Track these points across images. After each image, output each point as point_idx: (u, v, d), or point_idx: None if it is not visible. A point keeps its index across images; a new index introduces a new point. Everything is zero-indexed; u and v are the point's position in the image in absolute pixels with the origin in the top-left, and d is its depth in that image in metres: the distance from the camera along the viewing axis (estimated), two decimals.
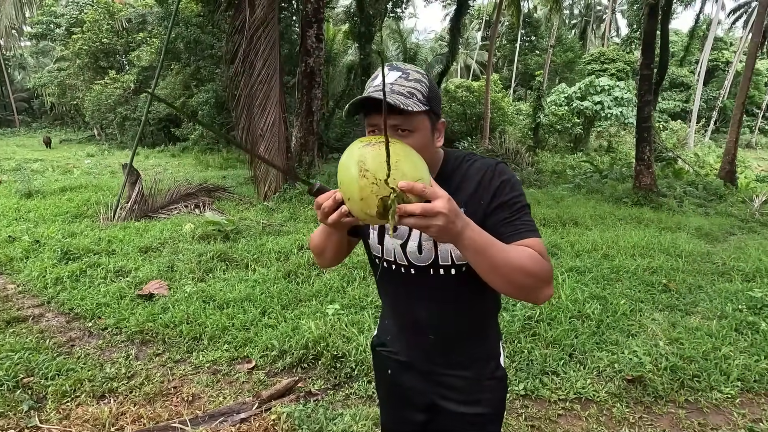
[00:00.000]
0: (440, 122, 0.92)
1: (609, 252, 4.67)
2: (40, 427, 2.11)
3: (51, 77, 27.33)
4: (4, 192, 7.93)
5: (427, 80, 0.88)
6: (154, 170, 11.27)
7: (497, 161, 0.97)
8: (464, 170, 0.96)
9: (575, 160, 15.13)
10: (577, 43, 31.66)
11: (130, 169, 6.38)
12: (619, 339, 2.90)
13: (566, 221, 6.19)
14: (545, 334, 2.87)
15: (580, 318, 3.12)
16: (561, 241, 5.01)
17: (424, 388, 1.12)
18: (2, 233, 5.26)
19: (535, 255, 0.83)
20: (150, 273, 3.95)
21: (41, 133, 28.25)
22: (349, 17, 15.88)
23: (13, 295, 3.74)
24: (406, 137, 0.85)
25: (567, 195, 8.78)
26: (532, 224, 0.91)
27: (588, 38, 37.27)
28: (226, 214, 6.38)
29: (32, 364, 2.56)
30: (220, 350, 2.79)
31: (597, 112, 17.87)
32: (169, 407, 2.31)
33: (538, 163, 13.33)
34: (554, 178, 11.60)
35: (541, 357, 2.65)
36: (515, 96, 32.04)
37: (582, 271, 4.03)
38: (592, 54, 27.06)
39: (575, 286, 3.62)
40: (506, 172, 0.94)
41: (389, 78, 0.86)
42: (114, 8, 22.58)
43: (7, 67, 37.37)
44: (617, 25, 41.70)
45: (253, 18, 6.95)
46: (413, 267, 1.01)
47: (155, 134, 21.45)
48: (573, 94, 18.22)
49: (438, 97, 0.91)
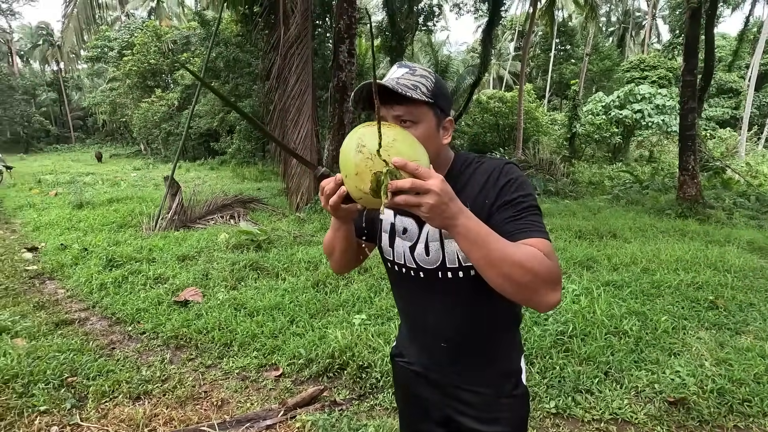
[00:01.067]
0: (447, 119, 0.92)
1: (649, 266, 4.44)
2: (80, 425, 2.21)
3: (104, 96, 29.33)
4: (59, 203, 8.52)
5: (433, 77, 0.89)
6: (194, 182, 11.78)
7: (506, 161, 0.94)
8: (472, 171, 0.95)
9: (614, 170, 14.57)
10: (614, 51, 30.75)
11: (171, 181, 6.71)
12: (660, 358, 2.74)
13: (603, 233, 5.95)
14: (578, 350, 2.76)
15: (616, 334, 2.98)
16: (597, 254, 4.82)
17: (440, 401, 1.09)
18: (55, 241, 5.64)
19: (538, 253, 0.79)
20: (186, 280, 4.11)
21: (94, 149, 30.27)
22: (381, 32, 16.16)
23: (62, 299, 3.98)
24: (409, 128, 0.85)
25: (605, 206, 8.46)
26: (540, 225, 0.87)
27: (626, 45, 36.11)
28: (259, 224, 6.57)
29: (76, 365, 2.70)
30: (249, 357, 2.85)
31: (637, 121, 17.19)
32: (199, 411, 2.37)
33: (574, 173, 12.93)
34: (591, 189, 11.21)
35: (573, 374, 2.54)
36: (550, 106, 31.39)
37: (619, 286, 3.85)
38: (631, 61, 26.16)
39: (612, 300, 3.46)
40: (513, 172, 0.92)
41: (396, 74, 0.88)
42: (161, 31, 24.06)
43: (65, 88, 40.47)
44: (658, 31, 40.27)
45: (288, 36, 7.21)
46: (422, 270, 0.99)
47: (196, 148, 22.49)
48: (611, 102, 17.63)
49: (445, 95, 0.91)
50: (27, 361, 2.62)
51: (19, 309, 3.61)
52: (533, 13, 15.45)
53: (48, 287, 4.32)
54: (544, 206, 8.29)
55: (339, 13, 8.72)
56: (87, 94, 37.13)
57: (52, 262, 4.88)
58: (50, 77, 42.43)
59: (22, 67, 42.43)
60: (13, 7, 39.46)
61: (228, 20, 14.06)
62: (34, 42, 40.75)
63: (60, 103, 40.90)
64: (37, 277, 4.57)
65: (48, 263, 4.89)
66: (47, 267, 4.81)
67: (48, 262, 4.91)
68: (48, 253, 5.26)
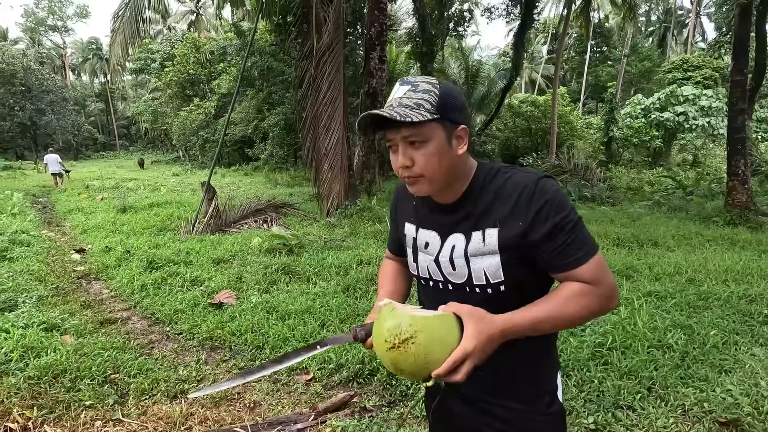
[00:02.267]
0: (460, 129, 0.88)
1: (695, 276, 4.19)
2: (122, 421, 2.30)
3: (146, 106, 30.86)
4: (104, 207, 8.99)
5: (438, 89, 0.86)
6: (229, 188, 12.15)
7: (539, 176, 0.89)
8: (498, 185, 0.90)
9: (654, 175, 13.96)
10: (655, 51, 29.58)
11: (208, 187, 6.95)
12: (708, 375, 2.57)
13: (644, 241, 5.69)
14: (619, 363, 2.63)
15: (660, 348, 2.82)
16: (638, 263, 4.60)
17: (471, 415, 1.05)
18: (101, 243, 5.95)
19: (584, 294, 0.85)
20: (221, 283, 4.22)
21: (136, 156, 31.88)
22: (412, 38, 16.21)
23: (106, 299, 4.18)
24: (419, 148, 0.86)
25: (645, 213, 8.10)
26: (585, 242, 0.86)
27: (668, 45, 34.66)
28: (291, 229, 6.69)
29: (118, 362, 2.82)
30: None
31: (680, 124, 16.41)
32: (232, 412, 2.42)
33: (611, 178, 12.46)
34: (630, 194, 10.78)
35: (614, 388, 2.42)
36: (585, 109, 30.50)
37: (662, 297, 3.65)
38: (673, 62, 25.03)
39: (654, 312, 3.28)
40: (548, 190, 0.86)
41: (398, 93, 0.87)
42: (200, 43, 25.11)
43: (112, 99, 42.89)
44: (702, 29, 38.40)
45: (320, 44, 7.34)
46: (450, 284, 0.97)
47: (231, 155, 23.24)
48: (651, 105, 16.92)
49: (454, 105, 0.87)
50: (74, 357, 2.75)
51: (67, 307, 3.81)
52: (567, 15, 15.09)
53: (94, 287, 4.55)
54: (580, 212, 8.00)
55: (370, 21, 8.82)
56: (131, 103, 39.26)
57: (98, 263, 5.14)
58: (98, 88, 45.14)
59: (73, 79, 45.29)
60: (67, 24, 42.35)
61: (263, 30, 14.50)
62: (84, 56, 43.47)
63: (107, 112, 43.42)
64: (84, 278, 4.83)
65: (94, 264, 5.15)
66: (93, 268, 5.07)
67: (94, 264, 5.18)
68: (94, 254, 5.55)
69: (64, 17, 41.96)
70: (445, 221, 0.96)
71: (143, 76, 34.78)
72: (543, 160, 14.38)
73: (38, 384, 2.46)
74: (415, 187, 0.92)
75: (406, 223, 1.07)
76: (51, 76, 32.34)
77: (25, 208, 8.88)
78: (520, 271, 0.90)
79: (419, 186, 0.91)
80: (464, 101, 0.92)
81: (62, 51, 43.82)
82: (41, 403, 2.33)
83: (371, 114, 0.85)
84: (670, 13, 35.80)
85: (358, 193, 8.35)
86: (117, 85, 44.58)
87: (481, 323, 0.80)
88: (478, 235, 0.91)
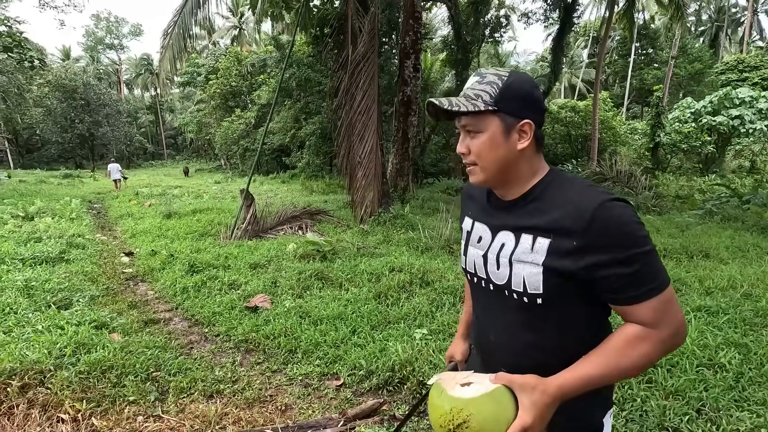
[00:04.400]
0: (523, 122, 0.86)
1: (752, 291, 3.89)
2: (161, 417, 2.40)
3: (191, 117, 32.50)
4: (152, 213, 9.50)
5: (503, 81, 0.86)
6: (266, 195, 12.52)
7: (610, 197, 0.81)
8: (564, 195, 0.86)
9: (706, 182, 13.14)
10: (706, 52, 27.97)
11: (247, 194, 7.19)
12: (767, 398, 2.37)
13: (694, 253, 5.35)
14: (664, 382, 2.47)
15: (711, 367, 2.63)
16: (687, 276, 4.33)
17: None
18: (147, 247, 6.28)
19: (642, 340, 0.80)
20: (257, 287, 4.34)
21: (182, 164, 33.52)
22: (447, 45, 16.19)
23: (151, 300, 4.40)
24: (475, 137, 0.89)
25: (695, 223, 7.62)
26: (654, 276, 0.79)
27: (720, 45, 32.72)
28: (325, 235, 6.79)
29: (160, 361, 2.95)
30: (312, 365, 2.93)
31: (735, 128, 15.38)
32: (264, 413, 2.47)
33: (658, 186, 11.84)
34: (678, 203, 10.19)
35: (658, 408, 2.28)
36: (629, 114, 29.25)
37: (714, 312, 3.41)
38: (727, 63, 23.59)
39: (705, 329, 3.07)
40: (616, 215, 0.79)
41: (469, 83, 0.90)
42: (242, 56, 26.21)
43: (161, 111, 45.48)
44: (760, 26, 35.98)
45: (355, 54, 7.48)
46: (491, 283, 0.96)
47: (269, 163, 23.98)
48: (702, 108, 15.97)
49: (518, 97, 0.86)
50: (120, 354, 2.91)
51: (116, 307, 4.04)
52: (610, 17, 14.58)
53: (140, 288, 4.81)
54: None
55: (405, 30, 8.89)
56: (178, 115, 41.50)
57: (144, 266, 5.43)
58: (149, 101, 48.02)
59: (127, 93, 48.41)
60: (122, 42, 45.49)
61: (301, 42, 14.95)
62: (137, 71, 46.45)
63: (156, 124, 46.08)
64: (131, 279, 5.11)
65: (141, 267, 5.44)
66: (140, 270, 5.35)
67: (141, 266, 5.47)
68: (141, 257, 5.86)
69: (120, 36, 45.17)
70: (499, 216, 0.96)
71: (189, 89, 36.72)
72: (583, 167, 13.88)
73: (87, 378, 2.62)
74: (471, 175, 0.94)
75: (465, 218, 1.08)
76: (107, 90, 34.76)
77: (81, 213, 9.53)
78: (562, 290, 0.86)
79: (474, 174, 0.93)
80: (537, 95, 0.88)
81: (117, 67, 47.05)
82: (90, 396, 2.47)
83: (430, 102, 0.89)
84: (722, 11, 33.80)
85: (391, 201, 8.38)
86: (165, 97, 47.30)
87: (534, 394, 0.79)
88: (528, 239, 0.88)
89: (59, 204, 10.22)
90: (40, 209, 9.05)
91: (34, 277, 4.35)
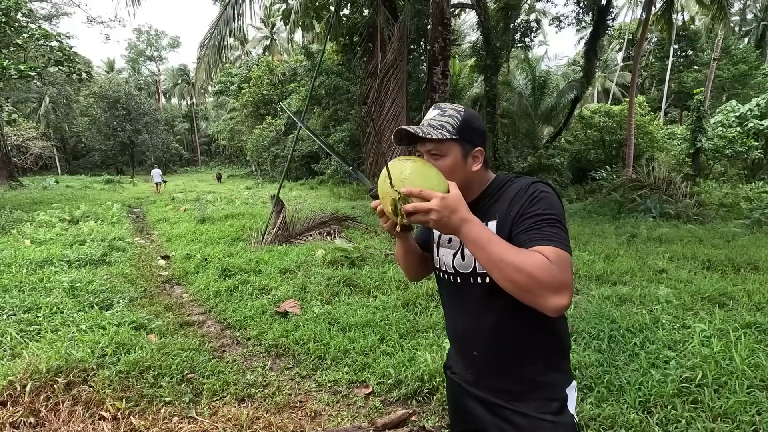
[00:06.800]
0: (476, 150, 1.07)
1: None
2: (195, 419, 2.46)
3: (225, 125, 33.56)
4: (186, 218, 9.83)
5: (462, 115, 1.05)
6: (296, 201, 12.74)
7: (535, 180, 1.04)
8: (505, 189, 1.07)
9: (753, 190, 12.40)
10: (752, 53, 26.55)
11: (277, 200, 7.34)
12: None
13: (741, 265, 5.05)
14: (711, 403, 2.33)
15: (764, 389, 2.46)
16: (733, 290, 4.09)
17: (485, 417, 1.14)
18: (183, 251, 6.49)
19: (541, 259, 0.87)
20: (286, 292, 4.41)
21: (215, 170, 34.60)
22: (475, 51, 16.07)
23: (186, 303, 4.54)
24: (438, 160, 1.04)
25: (742, 233, 7.20)
26: (556, 235, 0.93)
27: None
28: (353, 241, 6.83)
29: (194, 363, 3.03)
30: (340, 372, 2.93)
31: None
32: (294, 419, 2.49)
33: (700, 193, 11.27)
34: (722, 212, 9.66)
35: (705, 431, 2.15)
36: (667, 119, 28.09)
37: (765, 330, 3.20)
38: None
39: (755, 347, 2.88)
40: (539, 189, 1.00)
41: (430, 115, 1.07)
42: (273, 65, 26.91)
43: (196, 119, 47.21)
44: None
45: (384, 62, 7.53)
46: (459, 275, 1.11)
47: (298, 169, 24.43)
48: (748, 112, 15.14)
49: (474, 129, 1.05)
50: (157, 355, 3.00)
51: (153, 309, 4.19)
52: (646, 18, 14.08)
53: (176, 291, 4.97)
54: (660, 230, 7.33)
55: (434, 37, 8.88)
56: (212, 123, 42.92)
57: (180, 269, 5.61)
58: (185, 110, 49.97)
59: (164, 102, 50.54)
60: (162, 54, 47.65)
61: (330, 51, 15.20)
62: (174, 81, 48.46)
63: (191, 131, 47.87)
64: (167, 282, 5.29)
65: (176, 270, 5.63)
66: (176, 273, 5.54)
67: (176, 269, 5.66)
68: (177, 261, 6.07)
69: (159, 48, 47.31)
70: None
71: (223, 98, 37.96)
72: (618, 174, 13.39)
73: (127, 378, 2.72)
74: None
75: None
76: (147, 100, 36.42)
77: (122, 218, 9.98)
78: None
79: None
80: (484, 127, 1.11)
81: (156, 78, 49.24)
82: (129, 396, 2.56)
83: (404, 129, 1.03)
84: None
85: None
86: (200, 106, 49.10)
87: (459, 198, 0.91)
88: None
89: (101, 208, 10.73)
90: (85, 213, 9.53)
91: (79, 279, 4.57)
